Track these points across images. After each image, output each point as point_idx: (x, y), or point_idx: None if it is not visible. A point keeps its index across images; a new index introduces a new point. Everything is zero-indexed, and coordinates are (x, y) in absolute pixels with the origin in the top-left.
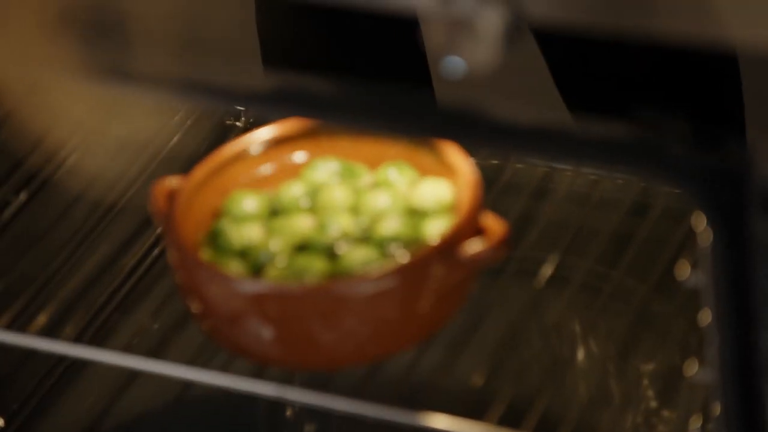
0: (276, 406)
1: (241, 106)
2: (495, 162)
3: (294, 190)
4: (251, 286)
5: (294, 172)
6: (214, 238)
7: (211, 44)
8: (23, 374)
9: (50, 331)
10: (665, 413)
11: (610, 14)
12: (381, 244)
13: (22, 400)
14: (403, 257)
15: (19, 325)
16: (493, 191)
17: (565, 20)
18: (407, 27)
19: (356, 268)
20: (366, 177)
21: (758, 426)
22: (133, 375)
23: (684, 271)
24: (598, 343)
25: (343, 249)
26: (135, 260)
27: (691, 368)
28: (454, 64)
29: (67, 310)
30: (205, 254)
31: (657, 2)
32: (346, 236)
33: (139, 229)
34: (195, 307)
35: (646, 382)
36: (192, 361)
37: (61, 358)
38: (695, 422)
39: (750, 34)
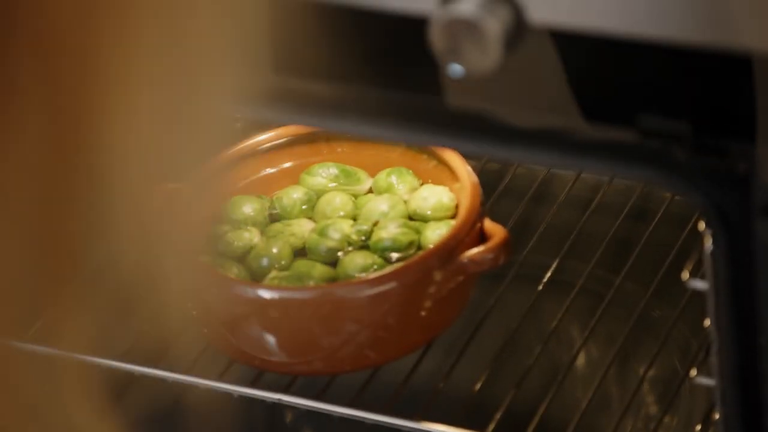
0: (275, 411)
1: (241, 110)
2: (495, 167)
3: (294, 195)
4: (251, 291)
5: (294, 177)
6: (214, 243)
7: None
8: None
9: (48, 335)
10: (666, 419)
11: (614, 19)
12: (381, 250)
13: None
14: (402, 263)
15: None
16: (493, 196)
17: (567, 24)
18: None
19: (356, 274)
20: (366, 182)
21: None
22: (131, 381)
23: (685, 276)
24: (599, 348)
25: (343, 254)
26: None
27: (692, 373)
28: (453, 69)
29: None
30: (205, 259)
31: (665, 6)
32: (345, 242)
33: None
34: (194, 311)
35: (646, 387)
36: (190, 367)
37: None
38: (696, 428)
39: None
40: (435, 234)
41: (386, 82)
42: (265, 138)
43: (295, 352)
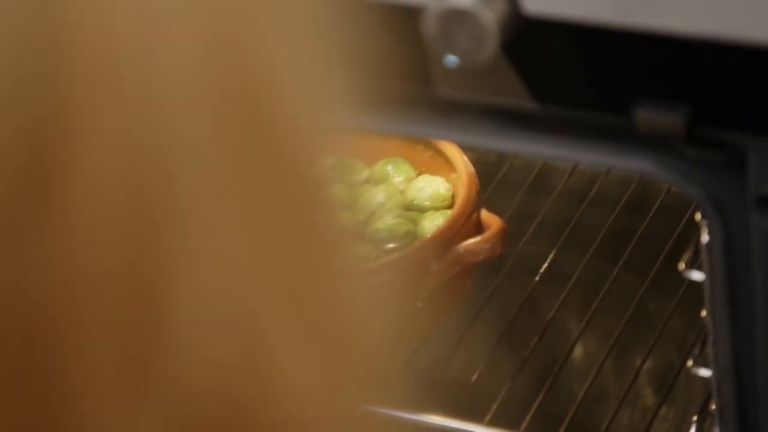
0: None
1: None
2: (492, 157)
3: None
4: None
5: None
6: None
7: None
8: None
9: None
10: (662, 410)
11: (609, 9)
12: (377, 240)
13: None
14: (399, 253)
15: None
16: (489, 187)
17: (562, 14)
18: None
19: None
20: (362, 173)
21: (754, 423)
22: None
23: (682, 266)
24: (595, 340)
25: None
26: None
27: (689, 365)
28: (448, 59)
29: None
30: None
31: None
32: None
33: None
34: None
35: (643, 378)
36: None
37: None
38: (693, 419)
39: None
40: (431, 224)
41: (381, 73)
42: None
43: None
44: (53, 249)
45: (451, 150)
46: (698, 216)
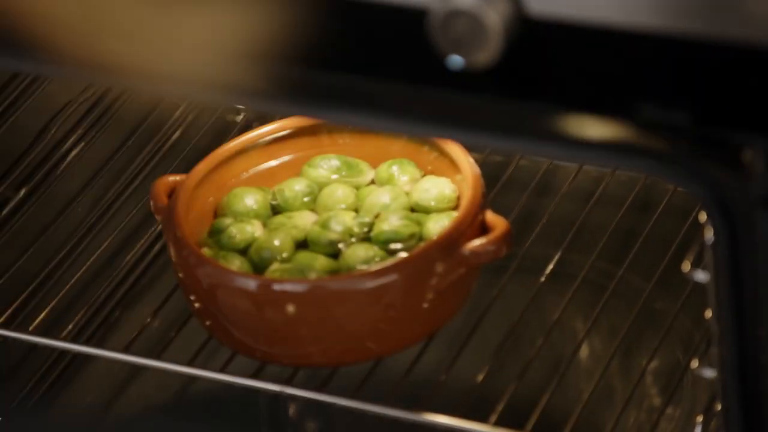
0: (277, 404)
1: (245, 103)
2: (498, 158)
3: (296, 188)
4: (252, 284)
5: (296, 169)
6: (216, 235)
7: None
8: (24, 370)
9: (51, 328)
10: (668, 410)
11: (614, 9)
12: (382, 242)
13: (23, 396)
14: (404, 254)
15: (20, 321)
16: (495, 188)
17: (566, 16)
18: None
19: (358, 266)
20: (368, 174)
21: (759, 423)
22: (134, 373)
23: (686, 267)
24: (601, 340)
25: (345, 246)
26: (136, 257)
27: (694, 365)
28: (453, 60)
29: (69, 306)
30: (207, 251)
31: None
32: (347, 234)
33: (140, 225)
34: (196, 304)
35: (649, 378)
36: (193, 359)
37: (62, 355)
38: (698, 419)
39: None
40: (437, 226)
41: (387, 74)
42: (267, 130)
43: (298, 344)
44: None
45: (457, 151)
46: (703, 216)
